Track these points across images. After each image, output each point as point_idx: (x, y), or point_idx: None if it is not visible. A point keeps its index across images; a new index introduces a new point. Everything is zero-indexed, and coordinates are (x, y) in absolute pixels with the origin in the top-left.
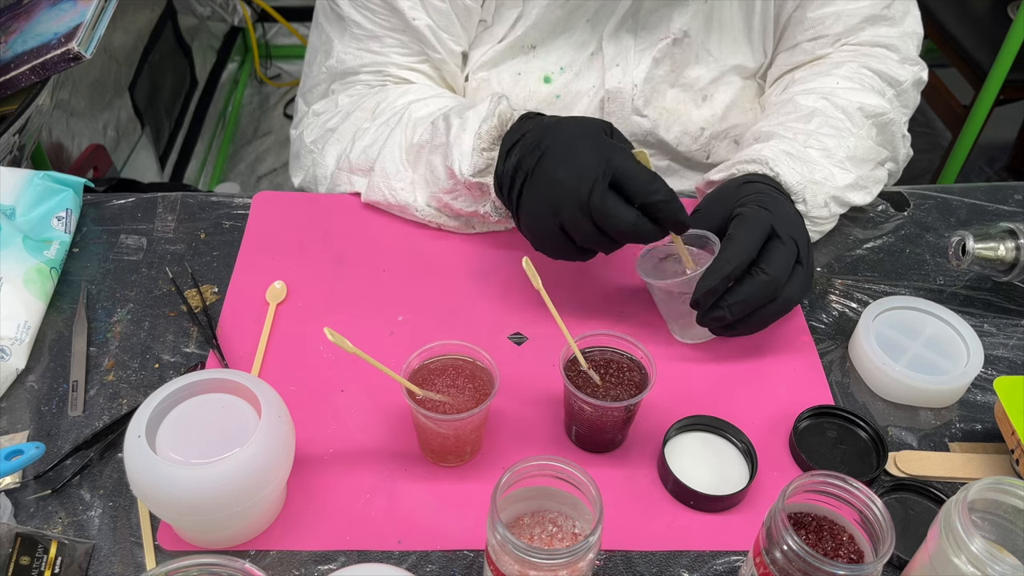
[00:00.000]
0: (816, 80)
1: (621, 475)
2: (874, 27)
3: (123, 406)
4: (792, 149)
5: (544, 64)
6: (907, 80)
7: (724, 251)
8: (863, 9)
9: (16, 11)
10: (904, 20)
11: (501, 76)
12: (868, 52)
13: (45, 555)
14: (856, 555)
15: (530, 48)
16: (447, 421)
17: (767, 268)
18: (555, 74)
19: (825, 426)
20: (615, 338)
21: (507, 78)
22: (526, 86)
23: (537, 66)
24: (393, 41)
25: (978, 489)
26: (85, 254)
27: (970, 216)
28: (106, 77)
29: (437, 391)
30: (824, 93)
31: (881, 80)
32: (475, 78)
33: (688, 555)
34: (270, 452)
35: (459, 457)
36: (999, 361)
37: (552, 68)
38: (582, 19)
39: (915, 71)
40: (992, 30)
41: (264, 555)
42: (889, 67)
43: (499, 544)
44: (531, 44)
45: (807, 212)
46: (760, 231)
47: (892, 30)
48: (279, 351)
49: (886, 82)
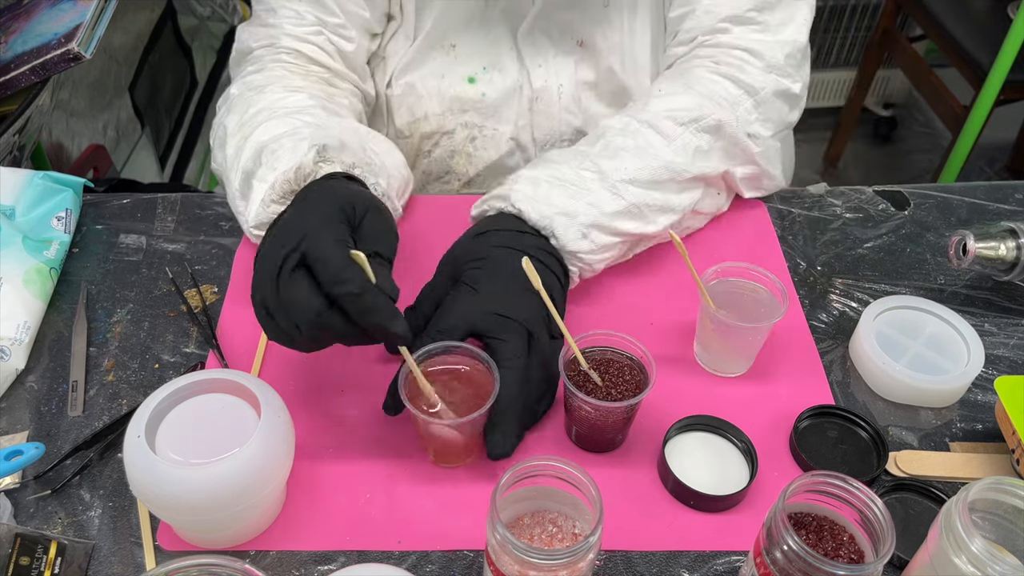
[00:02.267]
0: (646, 92)
1: (621, 475)
2: (740, 28)
3: (123, 406)
4: (560, 174)
5: (466, 66)
6: (766, 89)
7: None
8: (723, 7)
9: (16, 11)
10: (781, 29)
11: (424, 80)
12: (726, 54)
13: (45, 555)
14: (856, 555)
15: (450, 48)
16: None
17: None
18: (479, 73)
19: (825, 426)
20: (615, 338)
21: (431, 81)
22: (451, 87)
23: (459, 67)
24: (288, 12)
25: (978, 489)
26: (85, 254)
27: (971, 215)
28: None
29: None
30: (634, 109)
31: (734, 86)
32: (398, 84)
33: (688, 555)
34: (270, 452)
35: (464, 457)
36: (1000, 361)
37: (475, 68)
38: (494, 10)
39: (779, 80)
40: (992, 30)
41: (264, 555)
42: (746, 73)
43: (499, 544)
44: (450, 43)
45: (562, 246)
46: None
47: (761, 35)
48: (279, 351)
49: (742, 89)
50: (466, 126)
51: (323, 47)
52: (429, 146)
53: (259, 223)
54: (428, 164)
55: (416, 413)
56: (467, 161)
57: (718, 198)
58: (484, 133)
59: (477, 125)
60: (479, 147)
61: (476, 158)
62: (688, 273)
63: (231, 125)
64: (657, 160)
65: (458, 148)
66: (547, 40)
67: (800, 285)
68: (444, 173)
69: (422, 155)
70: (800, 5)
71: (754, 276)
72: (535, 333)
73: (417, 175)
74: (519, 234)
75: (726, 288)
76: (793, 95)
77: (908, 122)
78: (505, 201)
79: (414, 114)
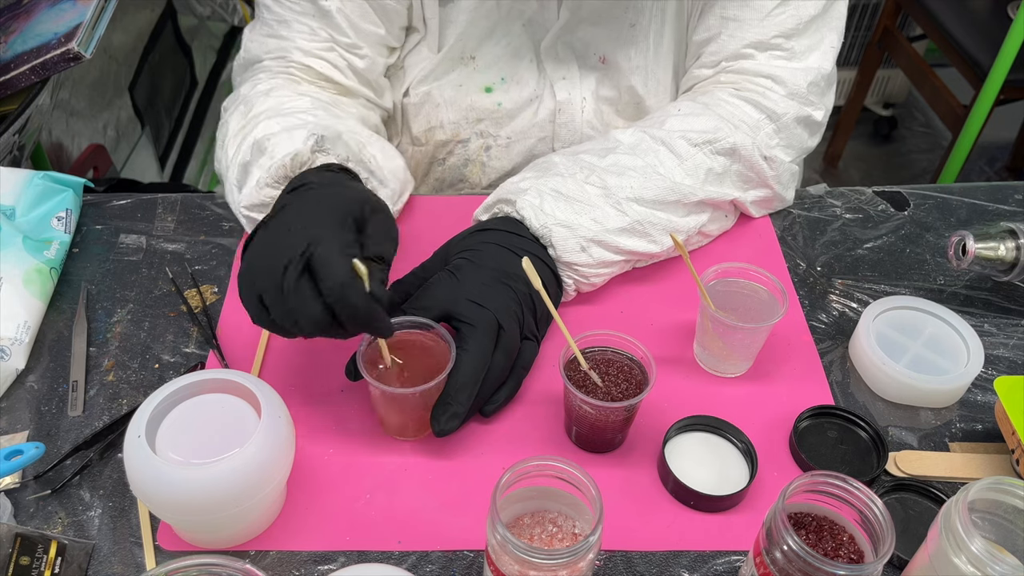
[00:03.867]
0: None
1: (621, 475)
2: (764, 55)
3: (123, 406)
4: (563, 187)
5: (485, 76)
6: (788, 115)
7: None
8: (749, 33)
9: (16, 11)
10: (807, 56)
11: (442, 89)
12: (750, 80)
13: (45, 555)
14: (856, 555)
15: (469, 59)
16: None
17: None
18: (496, 84)
19: (825, 426)
20: (615, 338)
21: (448, 91)
22: (467, 96)
23: (478, 78)
24: (301, 27)
25: (978, 489)
26: (85, 254)
27: (970, 216)
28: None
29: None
30: (649, 124)
31: (757, 110)
32: (415, 92)
33: (688, 555)
34: (270, 452)
35: (415, 431)
36: (999, 361)
37: (493, 79)
38: (516, 23)
39: (800, 108)
40: (992, 30)
41: (264, 555)
42: (769, 99)
43: (499, 544)
44: (470, 55)
45: (558, 257)
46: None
47: (786, 63)
48: (279, 351)
49: (764, 113)
50: (481, 135)
51: (335, 63)
52: (443, 154)
53: (251, 204)
54: (442, 172)
55: (370, 379)
56: (480, 170)
57: (725, 221)
58: (498, 143)
59: (492, 135)
60: (493, 156)
61: (490, 167)
62: (688, 273)
63: (233, 127)
64: (665, 181)
65: (472, 157)
66: (571, 54)
67: (800, 285)
68: (458, 181)
69: (436, 163)
70: (827, 32)
71: (754, 276)
72: (504, 325)
73: (431, 182)
74: (517, 236)
75: (726, 288)
76: (815, 122)
77: (908, 122)
78: (511, 206)
79: (430, 122)
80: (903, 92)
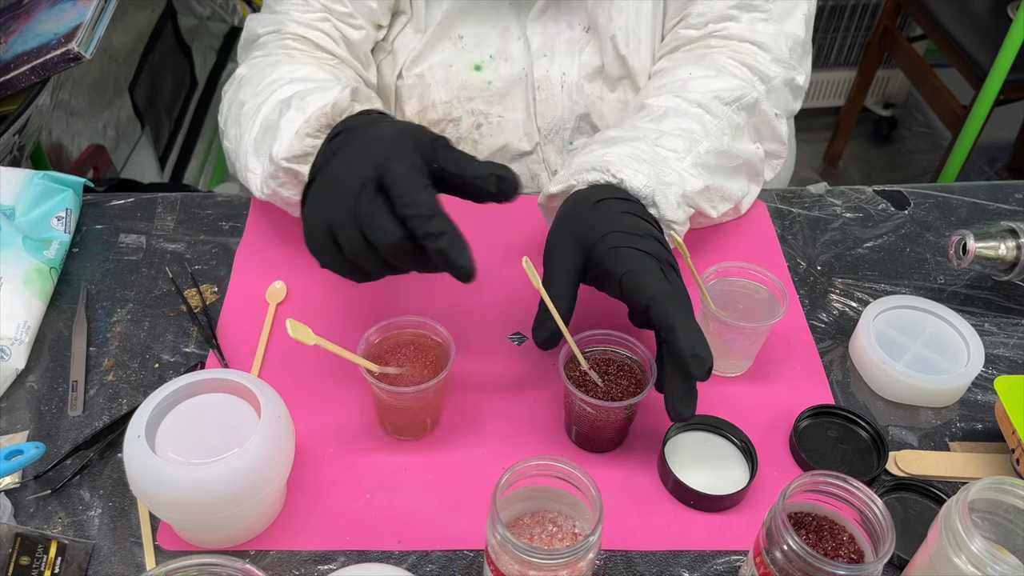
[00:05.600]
0: (669, 75)
1: (621, 475)
2: (747, 16)
3: (123, 406)
4: (639, 151)
5: (473, 55)
6: (777, 78)
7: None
8: None
9: (16, 11)
10: (785, 19)
11: (433, 71)
12: (738, 48)
13: (45, 555)
14: (856, 555)
15: (458, 39)
16: (406, 394)
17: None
18: (485, 61)
19: (825, 425)
20: (615, 338)
21: (439, 72)
22: (458, 75)
23: (466, 56)
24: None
25: (978, 489)
26: (85, 254)
27: (970, 215)
28: (106, 77)
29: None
30: (675, 90)
31: (751, 72)
32: (409, 75)
33: (688, 555)
34: (270, 452)
35: (418, 431)
36: (1000, 360)
37: (482, 56)
38: (503, 1)
39: (786, 71)
40: (992, 30)
41: (264, 555)
42: (759, 62)
43: (499, 544)
44: (458, 34)
45: (661, 216)
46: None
47: (767, 27)
48: (279, 351)
49: (756, 76)
50: (472, 113)
51: (329, 34)
52: None
53: (292, 155)
54: None
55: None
56: (472, 148)
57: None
58: (490, 120)
59: (483, 112)
60: (484, 134)
61: (481, 145)
62: (688, 273)
63: (245, 96)
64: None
65: (464, 135)
66: (555, 27)
67: (800, 285)
68: None
69: None
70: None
71: (754, 276)
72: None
73: None
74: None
75: (726, 288)
76: (798, 86)
77: (908, 122)
78: (604, 173)
79: (423, 103)
80: (903, 92)
